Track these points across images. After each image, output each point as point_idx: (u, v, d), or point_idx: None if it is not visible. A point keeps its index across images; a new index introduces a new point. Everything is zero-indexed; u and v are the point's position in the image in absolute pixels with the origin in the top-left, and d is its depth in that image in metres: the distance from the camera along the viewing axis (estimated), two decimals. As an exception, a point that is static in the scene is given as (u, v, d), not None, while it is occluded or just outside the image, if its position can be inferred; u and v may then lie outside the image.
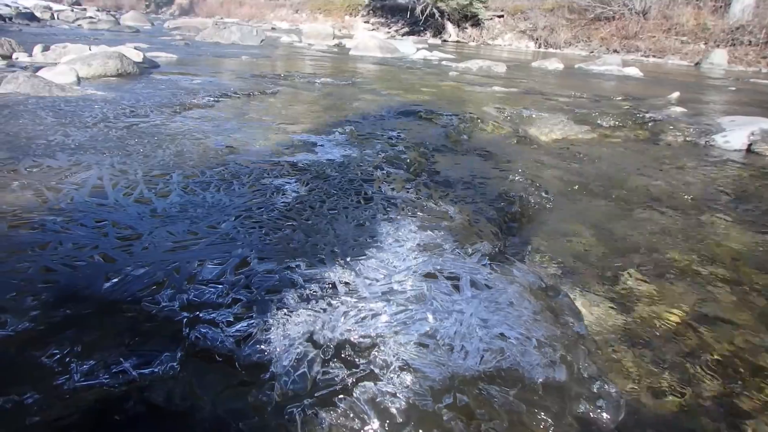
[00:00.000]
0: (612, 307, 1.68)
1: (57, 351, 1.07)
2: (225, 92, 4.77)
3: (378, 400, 1.05)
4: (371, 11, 30.06)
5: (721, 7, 18.76)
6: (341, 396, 1.06)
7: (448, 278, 1.48)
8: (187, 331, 1.17)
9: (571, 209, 2.58)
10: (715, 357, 1.47)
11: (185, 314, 1.22)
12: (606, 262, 2.01)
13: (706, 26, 18.01)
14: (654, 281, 1.88)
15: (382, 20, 28.82)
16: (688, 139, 4.39)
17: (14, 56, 6.34)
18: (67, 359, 1.06)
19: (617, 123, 4.81)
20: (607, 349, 1.45)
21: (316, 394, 1.06)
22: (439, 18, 24.56)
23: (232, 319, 1.20)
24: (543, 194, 2.67)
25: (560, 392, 1.13)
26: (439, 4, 23.58)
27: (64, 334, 1.13)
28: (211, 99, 4.35)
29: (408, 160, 2.85)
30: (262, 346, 1.14)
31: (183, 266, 1.42)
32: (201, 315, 1.21)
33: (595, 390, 1.16)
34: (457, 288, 1.42)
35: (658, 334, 1.57)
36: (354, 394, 1.06)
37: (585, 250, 2.10)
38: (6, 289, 1.25)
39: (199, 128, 3.21)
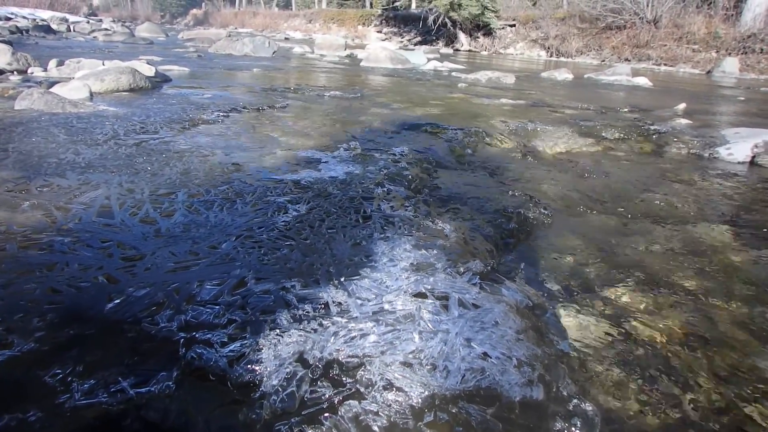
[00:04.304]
0: (602, 325, 1.72)
1: (60, 371, 1.14)
2: (235, 107, 4.86)
3: (361, 418, 1.11)
4: (384, 21, 30.28)
5: (732, 15, 18.71)
6: (327, 414, 1.12)
7: (437, 298, 1.53)
8: (184, 351, 1.23)
9: (570, 225, 2.62)
10: (704, 374, 1.50)
11: (182, 335, 1.28)
12: (600, 279, 2.04)
13: (717, 34, 17.95)
14: (647, 298, 1.92)
15: (395, 30, 29.02)
16: (692, 151, 4.41)
17: (30, 71, 6.49)
18: (69, 378, 1.12)
19: (622, 135, 4.84)
20: (592, 366, 1.49)
21: (303, 413, 1.12)
22: (452, 27, 24.68)
23: (226, 340, 1.27)
24: (542, 210, 2.71)
25: (537, 411, 1.18)
26: (451, 13, 23.70)
27: (67, 354, 1.19)
28: (221, 114, 4.43)
29: (410, 177, 2.91)
30: (254, 366, 1.20)
31: (183, 287, 1.49)
32: (197, 335, 1.27)
33: (570, 408, 1.20)
34: (445, 308, 1.48)
35: (646, 351, 1.60)
36: (339, 413, 1.12)
37: (580, 267, 2.14)
38: (14, 310, 1.32)
39: (206, 145, 3.29)
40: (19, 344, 1.20)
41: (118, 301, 1.40)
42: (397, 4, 28.92)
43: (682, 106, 6.57)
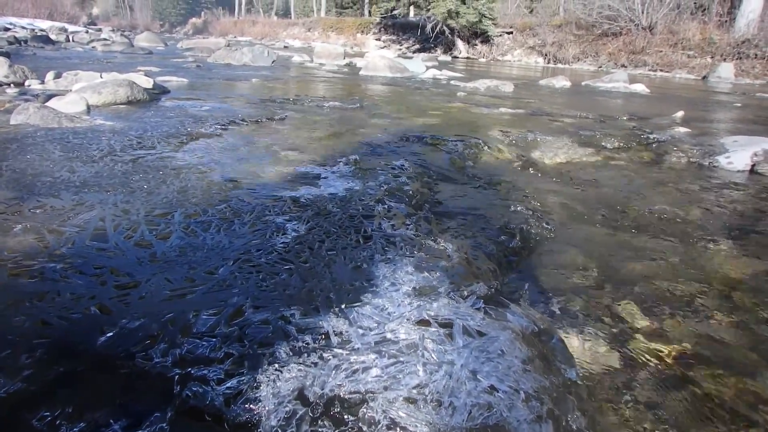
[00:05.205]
0: (609, 347, 1.69)
1: (48, 413, 1.09)
2: (233, 119, 4.82)
3: (364, 461, 1.06)
4: (382, 29, 30.42)
5: (726, 21, 18.86)
6: (328, 457, 1.07)
7: (441, 325, 1.48)
8: (178, 388, 1.18)
9: (572, 239, 2.58)
10: (714, 400, 1.46)
11: (177, 370, 1.23)
12: (605, 298, 2.00)
13: (712, 40, 18.08)
14: (653, 317, 1.88)
15: (394, 37, 29.15)
16: (691, 160, 4.39)
17: (27, 83, 6.46)
18: (58, 422, 1.07)
19: (621, 145, 4.82)
20: (601, 394, 1.45)
21: (303, 455, 1.08)
22: (449, 35, 24.79)
23: (223, 376, 1.22)
24: (544, 224, 2.68)
25: (547, 450, 1.14)
26: (449, 21, 23.82)
27: (56, 394, 1.14)
28: (219, 127, 4.39)
29: (410, 192, 2.87)
30: (252, 405, 1.15)
31: (178, 317, 1.44)
32: (193, 372, 1.22)
33: (582, 446, 1.16)
34: (449, 336, 1.43)
35: (655, 375, 1.56)
36: (341, 455, 1.07)
37: (584, 285, 2.11)
38: (2, 346, 1.27)
39: (204, 161, 3.25)
40: (6, 384, 1.15)
41: (110, 334, 1.35)
42: (395, 12, 29.03)
43: (680, 113, 6.56)
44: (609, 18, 21.04)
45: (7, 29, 21.66)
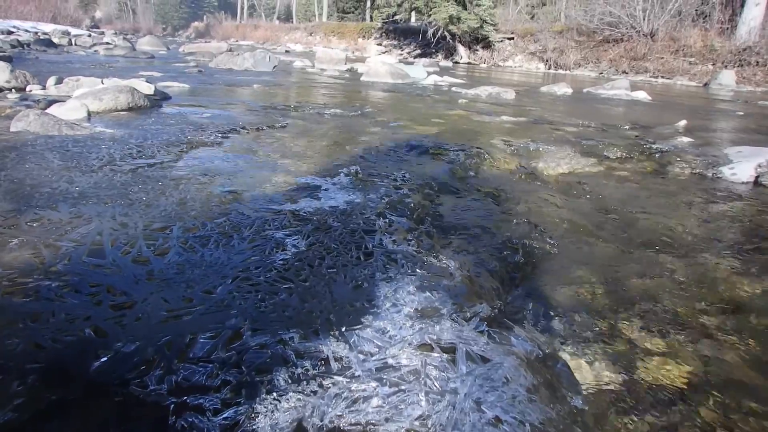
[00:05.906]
0: (615, 371, 1.65)
1: (39, 446, 1.06)
2: (234, 127, 4.79)
3: (365, 498, 1.03)
4: (384, 34, 30.50)
5: (727, 28, 18.92)
6: (327, 493, 1.04)
7: (444, 350, 1.45)
8: (174, 418, 1.15)
9: (575, 255, 2.54)
10: (725, 425, 1.42)
11: (173, 399, 1.20)
12: (610, 317, 1.97)
13: (713, 47, 18.12)
14: (660, 338, 1.84)
15: (395, 42, 29.23)
16: (695, 171, 4.36)
17: (28, 89, 6.44)
18: (49, 455, 1.04)
19: (624, 155, 4.79)
20: (607, 422, 1.41)
21: (301, 491, 1.04)
22: (451, 40, 24.84)
23: (219, 406, 1.18)
24: (547, 239, 2.65)
25: (554, 488, 1.10)
26: (451, 27, 23.86)
27: (48, 425, 1.11)
28: (220, 135, 4.37)
29: (412, 205, 2.83)
30: (249, 438, 1.12)
31: (175, 340, 1.41)
32: (189, 400, 1.19)
33: (590, 484, 1.12)
34: (452, 362, 1.40)
35: (663, 399, 1.53)
36: (340, 491, 1.04)
37: (588, 304, 2.07)
38: (-6, 373, 1.24)
39: (204, 170, 3.22)
40: (-3, 415, 1.12)
41: (105, 359, 1.31)
42: (396, 17, 29.06)
43: (682, 123, 6.53)
44: (610, 24, 21.07)
45: (10, 32, 21.69)
